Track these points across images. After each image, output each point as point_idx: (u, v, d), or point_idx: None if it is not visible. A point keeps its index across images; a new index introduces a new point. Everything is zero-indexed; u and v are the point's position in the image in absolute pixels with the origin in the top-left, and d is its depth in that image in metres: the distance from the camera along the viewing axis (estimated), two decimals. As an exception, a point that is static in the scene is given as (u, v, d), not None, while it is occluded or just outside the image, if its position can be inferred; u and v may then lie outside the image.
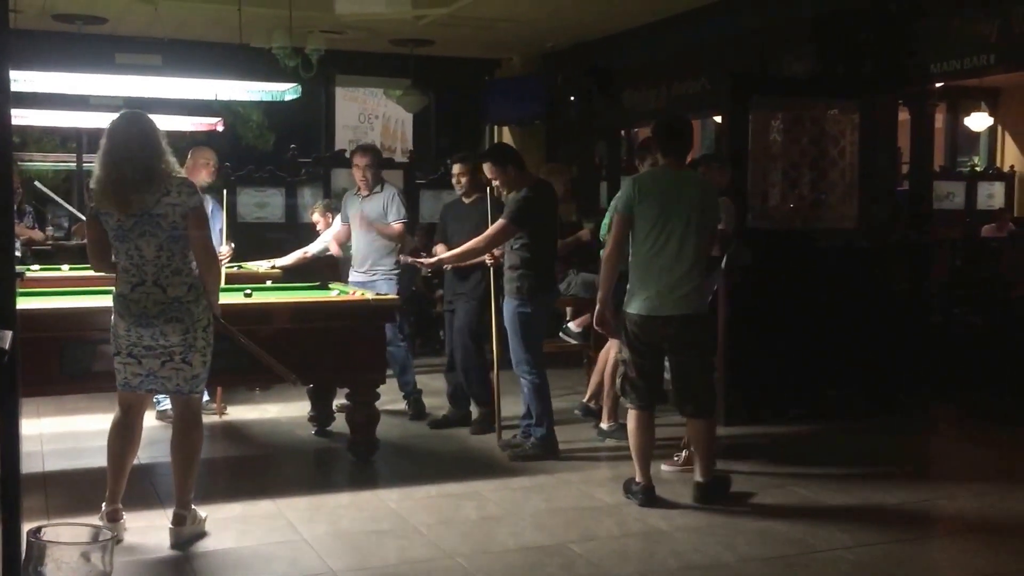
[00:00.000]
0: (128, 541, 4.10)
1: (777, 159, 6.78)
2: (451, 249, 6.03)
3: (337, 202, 7.44)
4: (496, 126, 11.52)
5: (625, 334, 4.81)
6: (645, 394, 4.78)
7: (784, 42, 8.04)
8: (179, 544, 4.08)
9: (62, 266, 7.38)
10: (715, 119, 10.44)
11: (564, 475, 5.24)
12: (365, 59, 10.77)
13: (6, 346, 2.08)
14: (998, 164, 13.00)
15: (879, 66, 7.31)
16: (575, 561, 4.00)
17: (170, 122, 7.75)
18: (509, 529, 4.37)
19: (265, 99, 7.74)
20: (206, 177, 6.45)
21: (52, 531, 2.63)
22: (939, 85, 8.31)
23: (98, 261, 4.20)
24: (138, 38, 9.51)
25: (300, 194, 10.02)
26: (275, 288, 6.20)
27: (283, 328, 5.07)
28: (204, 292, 4.09)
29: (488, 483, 5.06)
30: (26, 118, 8.43)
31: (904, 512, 4.74)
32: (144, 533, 4.21)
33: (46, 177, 13.79)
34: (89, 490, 4.52)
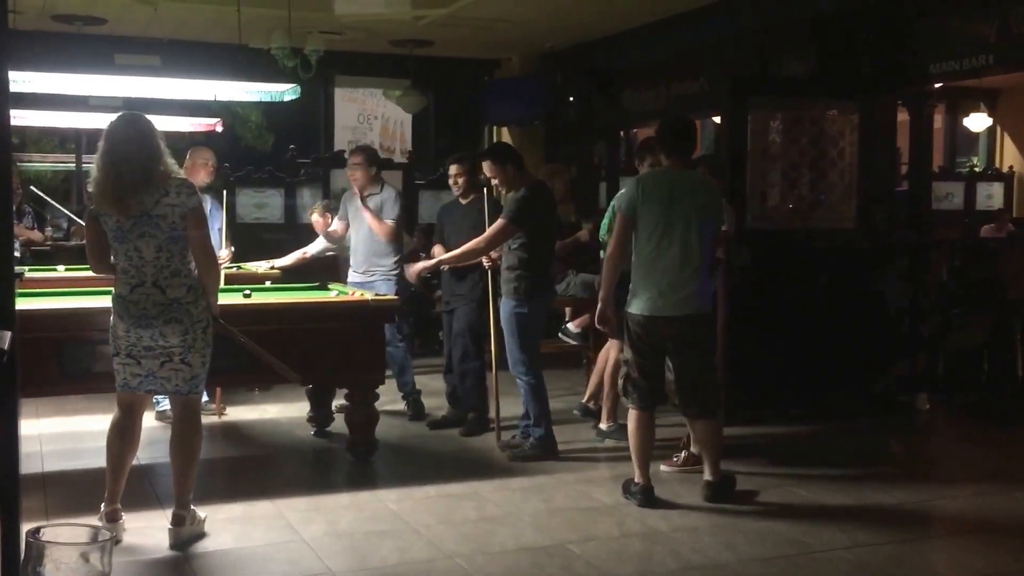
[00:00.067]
0: (127, 541, 4.11)
1: (776, 159, 6.77)
2: (448, 250, 6.04)
3: (336, 202, 7.44)
4: (495, 127, 11.52)
5: (628, 334, 4.81)
6: (647, 394, 4.78)
7: (783, 42, 8.04)
8: (178, 544, 4.08)
9: (57, 267, 7.38)
10: (714, 119, 10.43)
11: (563, 475, 5.24)
12: (364, 60, 10.77)
13: (5, 346, 2.08)
14: (997, 165, 12.99)
15: (878, 67, 7.31)
16: (574, 561, 4.00)
17: (169, 123, 7.77)
18: (508, 530, 4.36)
19: (264, 100, 7.75)
20: (205, 177, 6.46)
21: (51, 531, 2.64)
22: (938, 86, 8.31)
23: (97, 262, 4.20)
24: (137, 39, 9.51)
25: (299, 195, 10.01)
26: (274, 289, 6.19)
27: (282, 329, 5.06)
28: (203, 293, 4.09)
29: (487, 483, 5.07)
30: (25, 119, 8.45)
31: (903, 512, 4.75)
32: (143, 533, 4.21)
33: (45, 178, 13.79)
34: (88, 490, 4.51)
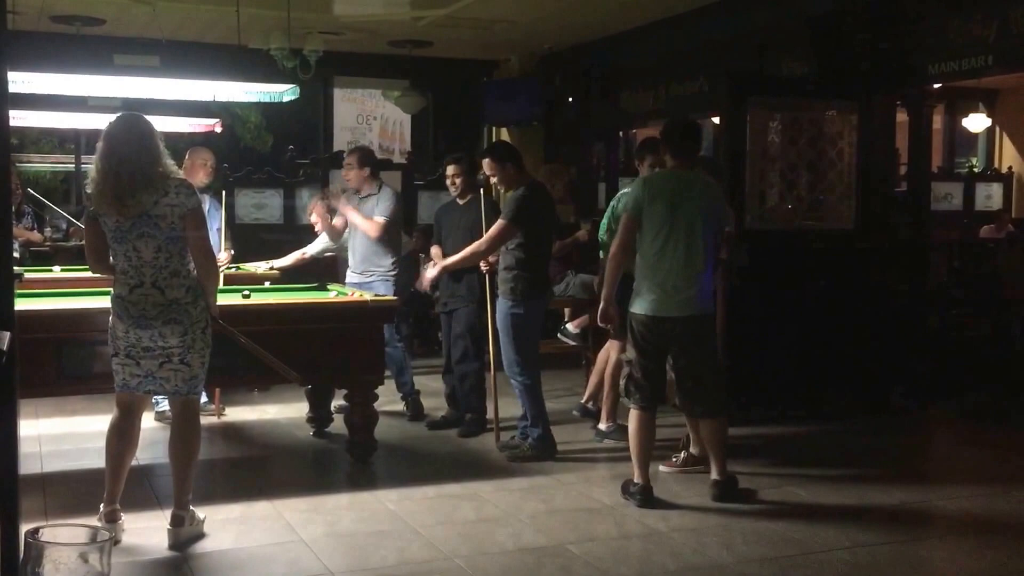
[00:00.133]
0: (126, 542, 4.11)
1: (775, 160, 6.77)
2: (445, 251, 6.04)
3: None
4: (494, 127, 11.52)
5: (631, 334, 4.81)
6: (648, 395, 4.78)
7: (782, 43, 8.04)
8: (177, 545, 4.08)
9: (53, 268, 7.38)
10: (713, 120, 10.43)
11: (562, 476, 5.24)
12: (363, 60, 10.76)
13: (4, 347, 2.08)
14: (996, 165, 13.00)
15: (877, 67, 7.31)
16: (573, 562, 4.00)
17: (168, 123, 7.78)
18: (507, 530, 4.36)
19: (263, 100, 7.73)
20: (203, 178, 6.47)
21: (50, 532, 2.64)
22: (937, 86, 8.30)
23: (96, 263, 4.20)
24: (136, 39, 9.50)
25: (298, 195, 10.01)
26: (273, 289, 6.19)
27: (281, 329, 5.06)
28: (202, 293, 4.09)
29: (486, 484, 5.07)
30: (24, 119, 8.45)
31: (902, 512, 4.75)
32: (142, 534, 4.21)
33: (44, 178, 13.79)
34: (87, 491, 4.52)
